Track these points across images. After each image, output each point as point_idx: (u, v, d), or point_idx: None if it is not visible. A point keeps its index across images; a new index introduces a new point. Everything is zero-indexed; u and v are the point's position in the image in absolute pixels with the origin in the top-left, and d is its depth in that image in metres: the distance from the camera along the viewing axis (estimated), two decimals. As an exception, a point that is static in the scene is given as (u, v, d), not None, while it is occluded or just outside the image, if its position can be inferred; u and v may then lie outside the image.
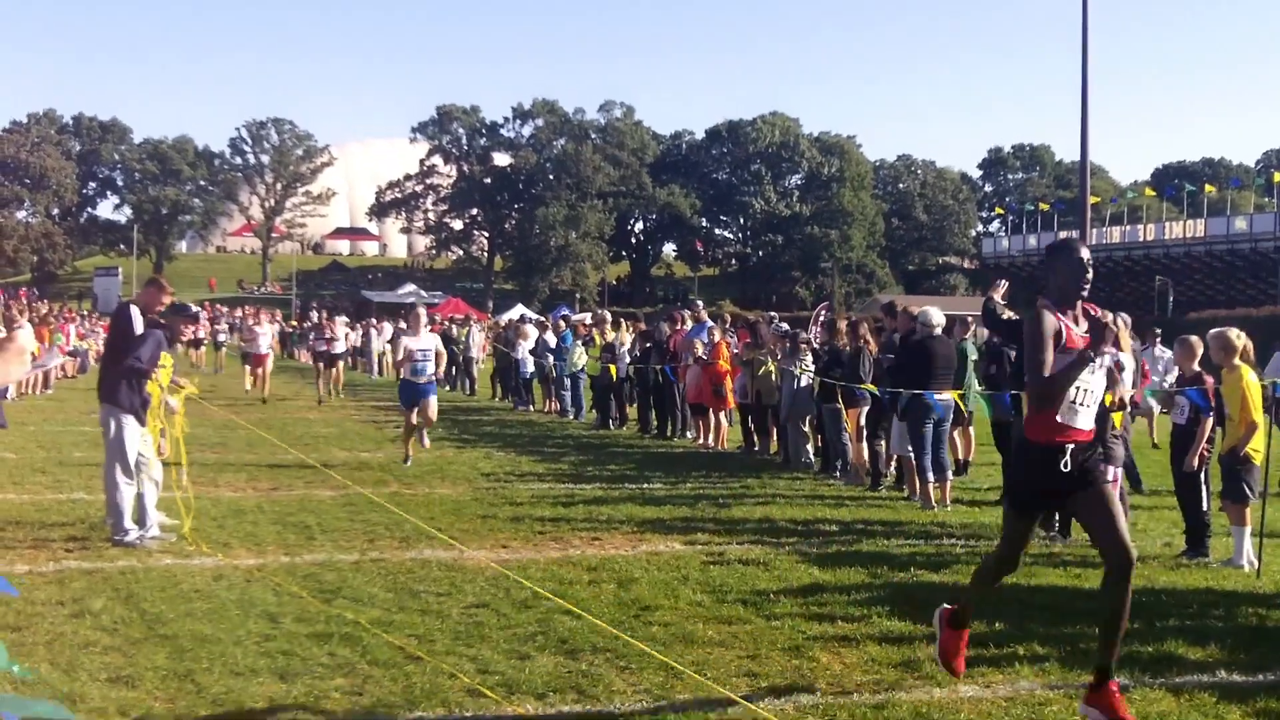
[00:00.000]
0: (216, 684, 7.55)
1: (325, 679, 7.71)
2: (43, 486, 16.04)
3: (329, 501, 15.09)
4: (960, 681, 7.88)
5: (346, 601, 9.79)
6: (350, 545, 12.25)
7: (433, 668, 7.93)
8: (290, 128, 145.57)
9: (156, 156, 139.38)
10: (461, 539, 12.49)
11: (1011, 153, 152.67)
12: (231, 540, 12.36)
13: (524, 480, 17.37)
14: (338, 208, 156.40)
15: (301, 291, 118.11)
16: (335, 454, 20.44)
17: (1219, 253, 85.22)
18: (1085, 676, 8.00)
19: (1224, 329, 12.50)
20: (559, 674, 7.92)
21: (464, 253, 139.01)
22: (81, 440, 21.30)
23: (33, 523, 13.13)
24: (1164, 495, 15.48)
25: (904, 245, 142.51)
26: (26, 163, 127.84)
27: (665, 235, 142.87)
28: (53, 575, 10.59)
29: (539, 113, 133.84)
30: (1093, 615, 9.68)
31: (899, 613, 9.63)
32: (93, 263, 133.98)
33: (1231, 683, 8.00)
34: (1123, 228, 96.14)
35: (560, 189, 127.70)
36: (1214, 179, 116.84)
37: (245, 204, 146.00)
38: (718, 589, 10.51)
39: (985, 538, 13.48)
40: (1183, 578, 11.49)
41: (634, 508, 14.88)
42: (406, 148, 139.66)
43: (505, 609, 9.63)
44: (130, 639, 8.54)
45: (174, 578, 10.59)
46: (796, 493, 16.80)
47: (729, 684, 7.75)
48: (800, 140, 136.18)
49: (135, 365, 12.32)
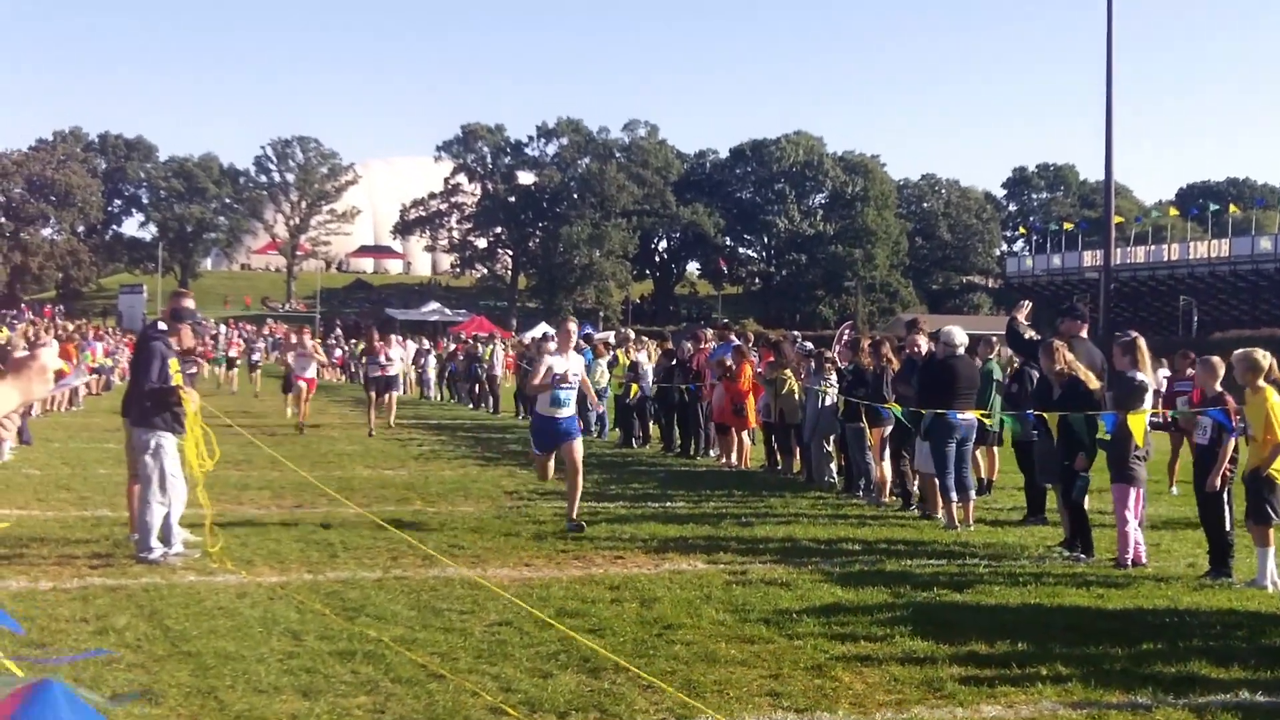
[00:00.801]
0: (239, 701, 7.58)
1: (348, 696, 7.73)
2: (67, 503, 16.11)
3: (353, 519, 15.12)
4: (982, 701, 7.87)
5: (369, 619, 9.81)
6: (373, 563, 12.28)
7: (455, 686, 7.94)
8: (315, 146, 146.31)
9: (182, 174, 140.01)
10: (484, 557, 12.50)
11: (1036, 172, 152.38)
12: (255, 558, 12.39)
13: (547, 499, 17.38)
14: (362, 226, 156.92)
15: (325, 309, 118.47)
16: (360, 472, 20.48)
17: (1243, 273, 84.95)
18: (1108, 696, 8.00)
19: (1249, 349, 12.46)
20: (581, 693, 7.92)
21: (488, 271, 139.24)
22: (106, 457, 21.38)
23: (57, 539, 13.18)
24: (1188, 515, 15.42)
25: (928, 264, 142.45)
26: (52, 180, 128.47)
27: (689, 254, 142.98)
28: (76, 591, 10.63)
29: (563, 131, 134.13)
30: (1115, 635, 9.69)
31: (922, 632, 9.61)
32: (118, 280, 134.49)
33: (1255, 703, 7.97)
34: (1147, 247, 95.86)
35: (584, 207, 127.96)
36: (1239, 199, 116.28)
37: (270, 222, 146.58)
38: (740, 608, 10.50)
39: (1008, 557, 13.46)
40: (1206, 598, 11.45)
41: (657, 526, 14.88)
42: (431, 166, 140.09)
43: (528, 627, 9.63)
44: (154, 656, 8.58)
45: (197, 595, 10.62)
46: (819, 512, 16.78)
47: (751, 703, 7.75)
48: (824, 159, 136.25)
49: (150, 388, 12.41)
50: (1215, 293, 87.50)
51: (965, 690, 8.10)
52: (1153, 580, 12.24)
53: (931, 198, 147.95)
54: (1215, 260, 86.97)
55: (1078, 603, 11.12)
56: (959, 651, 9.07)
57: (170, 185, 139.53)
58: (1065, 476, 13.75)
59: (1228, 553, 12.51)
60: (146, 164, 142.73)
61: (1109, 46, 40.51)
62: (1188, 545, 14.38)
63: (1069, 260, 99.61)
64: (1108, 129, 41.39)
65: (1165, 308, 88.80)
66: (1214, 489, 12.36)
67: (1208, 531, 12.75)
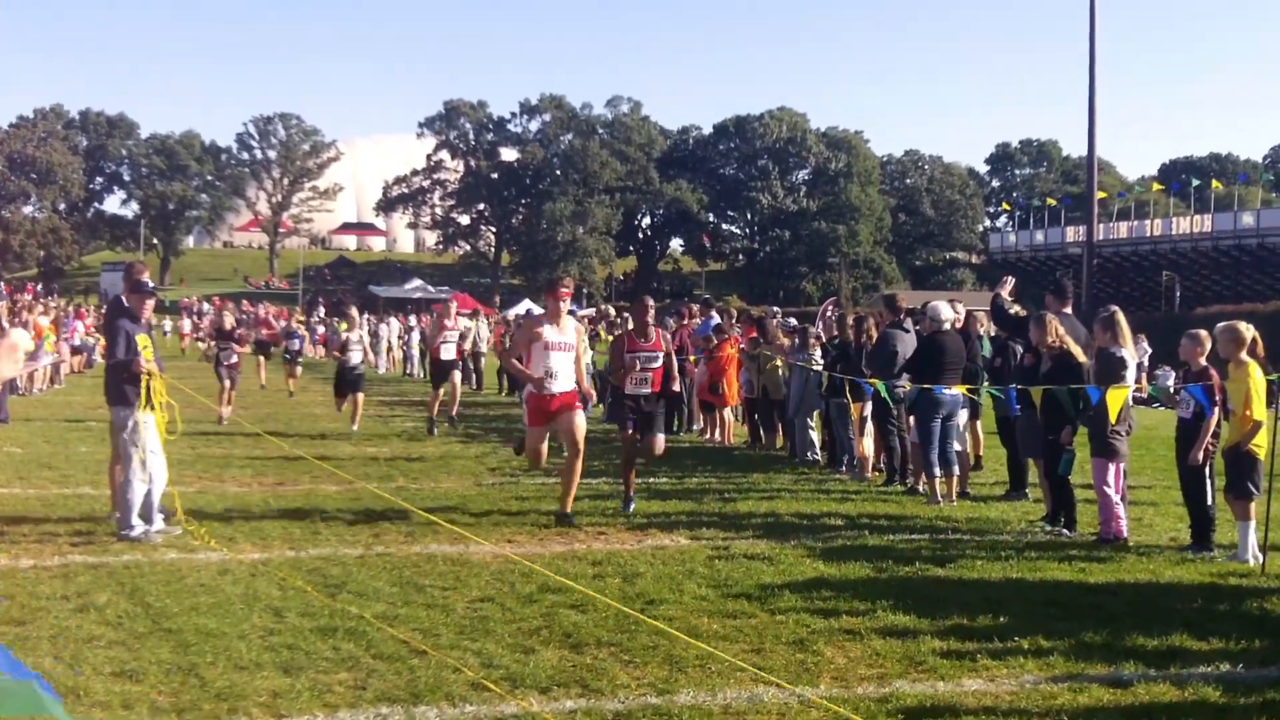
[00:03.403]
0: (220, 678, 7.56)
1: (329, 673, 7.71)
2: (48, 481, 16.06)
3: (334, 496, 15.09)
4: (964, 675, 7.88)
5: (351, 596, 9.79)
6: (355, 540, 12.26)
7: (437, 662, 7.93)
8: (297, 123, 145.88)
9: (164, 152, 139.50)
10: (466, 534, 12.49)
11: (1019, 148, 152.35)
12: (236, 535, 12.36)
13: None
14: (344, 203, 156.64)
15: (309, 287, 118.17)
16: (343, 449, 20.45)
17: (1226, 248, 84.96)
18: (1090, 669, 8.02)
19: (1233, 322, 12.47)
20: (563, 668, 7.92)
21: (471, 248, 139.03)
22: (87, 435, 21.33)
23: (38, 517, 13.14)
24: (1169, 489, 15.45)
25: (911, 240, 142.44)
26: (33, 158, 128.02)
27: (672, 230, 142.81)
28: (57, 569, 10.60)
29: (546, 108, 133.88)
30: (1096, 609, 9.71)
31: (904, 607, 9.61)
32: (99, 258, 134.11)
33: (1236, 675, 7.99)
34: (1130, 223, 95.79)
35: (567, 184, 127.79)
36: (1221, 174, 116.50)
37: (252, 199, 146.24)
38: (723, 583, 10.50)
39: (990, 532, 13.49)
40: (1188, 572, 11.48)
41: (639, 502, 14.83)
42: (413, 143, 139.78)
43: (510, 603, 9.63)
44: (134, 633, 8.55)
45: (179, 572, 10.59)
46: (802, 487, 16.78)
47: (733, 678, 7.75)
48: (808, 135, 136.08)
49: (116, 364, 12.36)
50: (1198, 268, 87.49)
51: (947, 664, 8.11)
52: (1134, 554, 12.27)
53: (915, 174, 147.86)
54: (1198, 235, 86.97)
55: (1060, 577, 11.13)
56: (941, 626, 9.08)
57: (152, 162, 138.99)
58: (1049, 451, 13.77)
59: (1209, 527, 12.54)
60: (128, 141, 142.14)
61: (1092, 23, 40.58)
62: (1169, 519, 14.42)
63: (1052, 236, 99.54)
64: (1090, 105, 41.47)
65: (1148, 283, 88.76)
66: (1196, 463, 12.38)
67: (1189, 505, 12.78)
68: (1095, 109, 41.35)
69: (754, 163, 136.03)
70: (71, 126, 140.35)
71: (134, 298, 12.85)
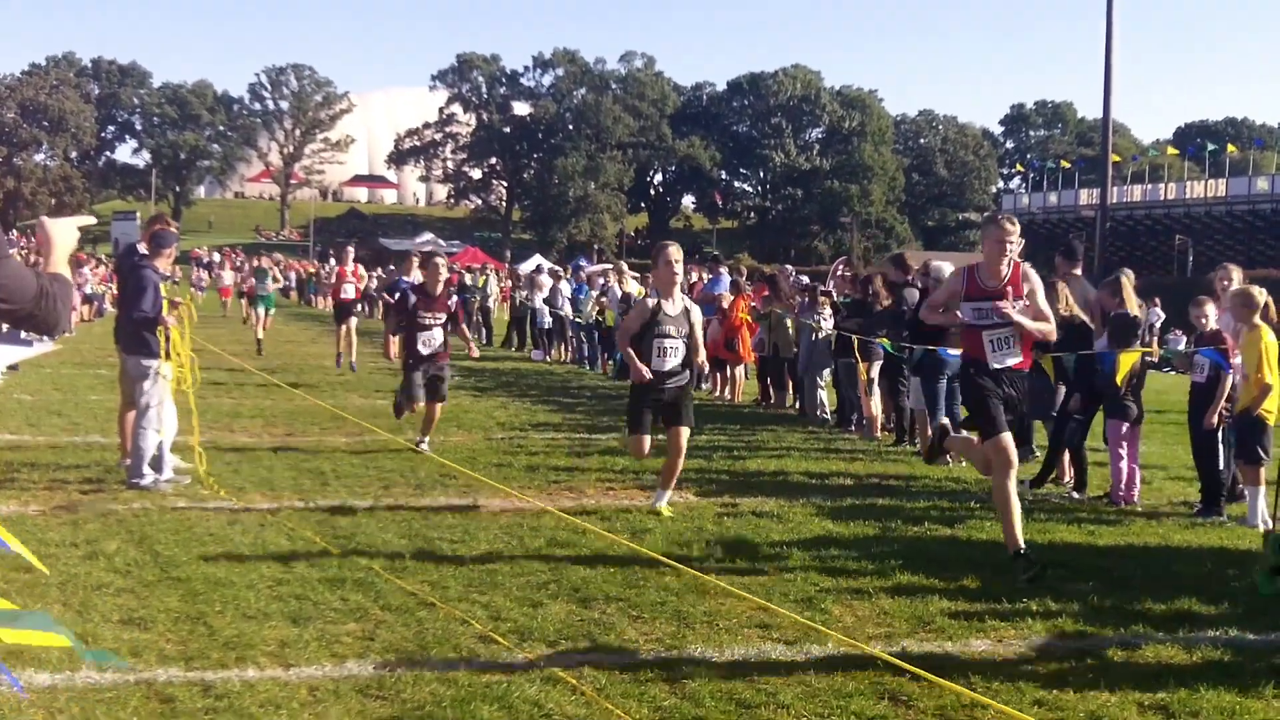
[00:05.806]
0: (228, 627, 7.56)
1: (337, 624, 7.72)
2: (58, 429, 16.07)
3: (344, 447, 15.10)
4: (972, 636, 7.87)
5: (360, 547, 9.79)
6: (365, 491, 12.26)
7: (445, 614, 7.93)
8: (310, 74, 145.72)
9: (176, 101, 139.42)
10: (476, 487, 12.48)
11: (1034, 109, 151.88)
12: (246, 485, 12.37)
13: (539, 430, 17.35)
14: (356, 155, 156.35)
15: (320, 239, 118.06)
16: (352, 400, 20.44)
17: (1240, 213, 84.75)
18: (1098, 632, 8.00)
19: (1246, 286, 12.42)
20: (571, 622, 7.91)
21: (482, 202, 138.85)
22: (97, 383, 21.35)
23: (48, 464, 13.16)
24: (1181, 453, 15.42)
25: (924, 201, 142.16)
26: (45, 105, 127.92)
27: (684, 187, 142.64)
28: (66, 517, 10.61)
29: (559, 62, 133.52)
30: (1105, 572, 9.69)
31: (912, 567, 9.60)
32: (110, 206, 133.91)
33: (1244, 640, 7.98)
34: (1144, 186, 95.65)
35: (580, 139, 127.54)
36: (1236, 139, 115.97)
37: (264, 150, 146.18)
38: (731, 541, 10.50)
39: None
40: (1197, 536, 11.47)
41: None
42: (426, 96, 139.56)
43: (519, 557, 9.63)
44: (143, 581, 8.56)
45: (188, 521, 10.60)
46: (812, 446, 16.77)
47: (740, 635, 7.75)
48: (822, 94, 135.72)
49: (140, 317, 12.30)
50: (1211, 233, 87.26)
51: (955, 624, 8.10)
52: (1144, 518, 12.26)
53: (929, 134, 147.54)
54: (1212, 200, 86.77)
55: (1068, 539, 11.13)
56: (949, 586, 9.06)
57: (164, 112, 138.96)
58: (1059, 418, 13.74)
59: (1220, 491, 12.52)
60: (140, 90, 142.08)
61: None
62: (1180, 484, 14.40)
63: (1065, 198, 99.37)
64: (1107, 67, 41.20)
65: (1161, 247, 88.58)
66: (1210, 427, 12.34)
67: (1200, 470, 12.75)
68: (1112, 71, 41.08)
69: (767, 120, 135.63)
70: (84, 75, 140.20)
71: (156, 249, 12.84)
